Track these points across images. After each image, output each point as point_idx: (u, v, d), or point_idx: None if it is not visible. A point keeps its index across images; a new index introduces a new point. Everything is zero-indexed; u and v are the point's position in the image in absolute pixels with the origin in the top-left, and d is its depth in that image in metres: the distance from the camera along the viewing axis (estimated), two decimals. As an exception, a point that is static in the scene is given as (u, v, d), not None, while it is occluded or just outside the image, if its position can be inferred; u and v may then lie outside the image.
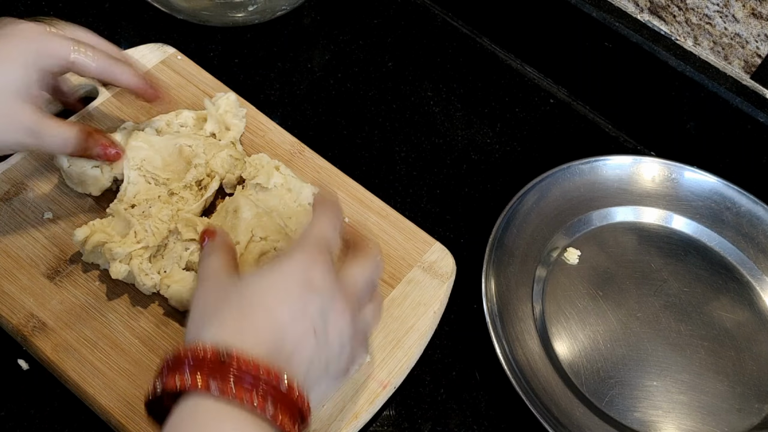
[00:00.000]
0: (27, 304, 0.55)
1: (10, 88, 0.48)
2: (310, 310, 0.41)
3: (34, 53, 0.50)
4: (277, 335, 0.40)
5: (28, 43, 0.50)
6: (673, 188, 0.72)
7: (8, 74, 0.49)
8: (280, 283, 0.42)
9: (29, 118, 0.49)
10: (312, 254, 0.43)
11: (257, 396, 0.38)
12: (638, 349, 0.62)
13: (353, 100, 0.77)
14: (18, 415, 0.54)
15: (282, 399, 0.39)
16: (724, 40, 0.72)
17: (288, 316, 0.41)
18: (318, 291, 0.42)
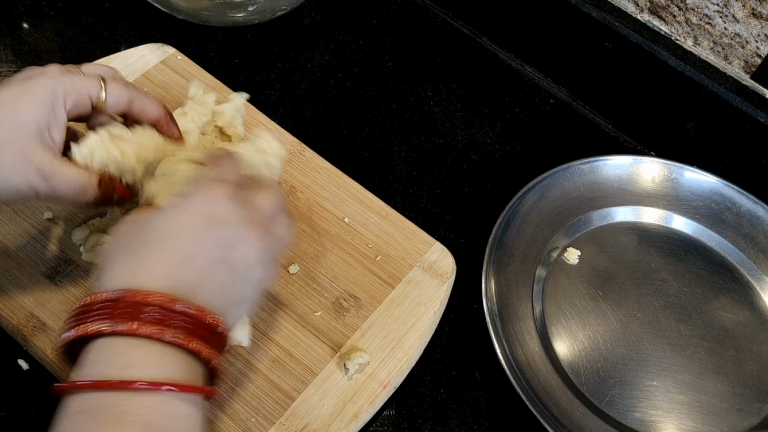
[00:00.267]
0: (27, 304, 0.56)
1: (26, 128, 0.46)
2: (212, 240, 0.42)
3: (61, 93, 0.47)
4: (176, 268, 0.41)
5: (53, 82, 0.47)
6: (673, 188, 0.72)
7: (27, 113, 0.46)
8: (180, 218, 0.42)
9: (41, 158, 0.46)
10: (210, 187, 0.43)
11: (153, 325, 0.38)
12: (638, 349, 0.62)
13: (353, 100, 0.77)
14: (18, 415, 0.54)
15: (186, 324, 0.39)
16: (724, 40, 0.72)
17: (187, 248, 0.41)
18: (220, 221, 0.42)
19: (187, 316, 0.39)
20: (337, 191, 0.65)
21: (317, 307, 0.59)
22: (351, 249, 0.62)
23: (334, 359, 0.56)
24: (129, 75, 0.69)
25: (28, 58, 0.74)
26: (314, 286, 0.60)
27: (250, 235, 0.43)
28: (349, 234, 0.63)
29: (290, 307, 0.59)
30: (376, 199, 0.65)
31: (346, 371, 0.56)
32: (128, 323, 0.38)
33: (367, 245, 0.62)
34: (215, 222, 0.42)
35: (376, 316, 0.59)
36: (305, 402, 0.54)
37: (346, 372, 0.56)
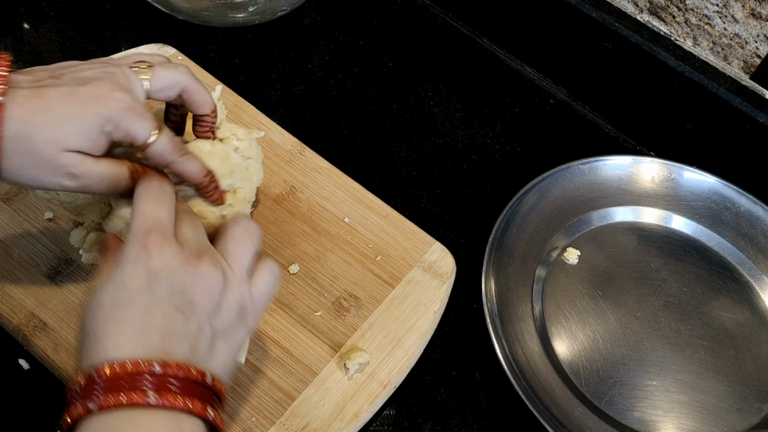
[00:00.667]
0: (28, 304, 0.56)
1: (69, 145, 0.45)
2: (162, 294, 0.41)
3: (112, 125, 0.46)
4: (140, 336, 0.40)
5: (112, 115, 0.46)
6: (672, 188, 0.72)
7: (76, 135, 0.45)
8: (124, 285, 0.41)
9: (72, 163, 0.46)
10: (140, 245, 0.42)
11: (137, 393, 0.38)
12: (638, 348, 0.63)
13: (353, 101, 0.77)
14: (19, 414, 0.54)
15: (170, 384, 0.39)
16: (723, 41, 0.72)
17: (141, 313, 0.40)
18: (160, 272, 0.41)
19: (168, 375, 0.39)
20: (337, 191, 0.65)
21: (317, 306, 0.59)
22: (351, 249, 0.62)
23: (335, 359, 0.56)
24: (129, 75, 0.69)
25: (28, 58, 0.74)
26: (314, 285, 0.60)
27: (197, 270, 0.42)
28: (350, 234, 0.63)
29: (290, 306, 0.59)
30: (376, 199, 0.65)
31: (346, 371, 0.56)
32: (111, 397, 0.38)
33: (368, 245, 0.62)
34: (157, 276, 0.41)
35: (377, 315, 0.59)
36: (305, 401, 0.54)
37: (347, 372, 0.56)
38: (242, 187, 0.56)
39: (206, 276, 0.42)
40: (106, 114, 0.46)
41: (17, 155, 0.45)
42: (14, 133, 0.44)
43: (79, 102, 0.45)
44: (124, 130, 0.47)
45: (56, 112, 0.45)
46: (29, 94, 0.45)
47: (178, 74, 0.50)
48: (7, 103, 0.44)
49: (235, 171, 0.56)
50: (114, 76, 0.48)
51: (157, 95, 0.50)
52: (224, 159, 0.55)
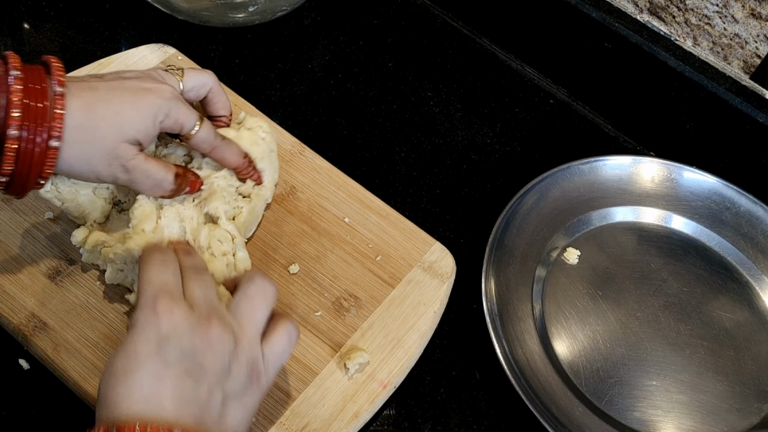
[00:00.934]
0: (28, 304, 0.56)
1: (124, 133, 0.49)
2: (170, 359, 0.41)
3: (164, 114, 0.51)
4: (151, 400, 0.40)
5: (163, 103, 0.50)
6: (672, 188, 0.72)
7: (134, 123, 0.49)
8: (135, 351, 0.41)
9: (127, 155, 0.50)
10: (149, 309, 0.42)
11: None
12: (638, 348, 0.63)
13: (353, 101, 0.77)
14: (19, 414, 0.54)
15: None
16: (723, 41, 0.72)
17: (151, 378, 0.40)
18: (170, 336, 0.41)
19: None
20: (337, 191, 0.65)
21: (317, 306, 0.59)
22: (351, 249, 0.62)
23: (335, 359, 0.56)
24: (129, 75, 0.69)
25: (28, 59, 0.74)
26: (314, 285, 0.60)
27: (207, 333, 0.42)
28: (350, 234, 0.63)
29: (290, 306, 0.59)
30: (376, 199, 0.65)
31: (346, 371, 0.56)
32: None
33: (368, 245, 0.62)
34: (167, 339, 0.41)
35: (377, 315, 0.59)
36: (306, 401, 0.54)
37: (347, 371, 0.56)
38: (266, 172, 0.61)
39: (216, 339, 0.42)
40: (158, 102, 0.50)
41: (79, 145, 0.48)
42: (77, 123, 0.47)
43: (131, 93, 0.50)
44: (174, 118, 0.51)
45: (114, 102, 0.49)
46: (84, 86, 0.48)
47: (206, 76, 0.57)
48: (68, 94, 0.47)
49: (265, 157, 0.59)
50: (152, 74, 0.53)
51: (188, 94, 0.56)
52: (253, 143, 0.60)
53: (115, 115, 0.49)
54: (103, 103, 0.48)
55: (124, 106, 0.49)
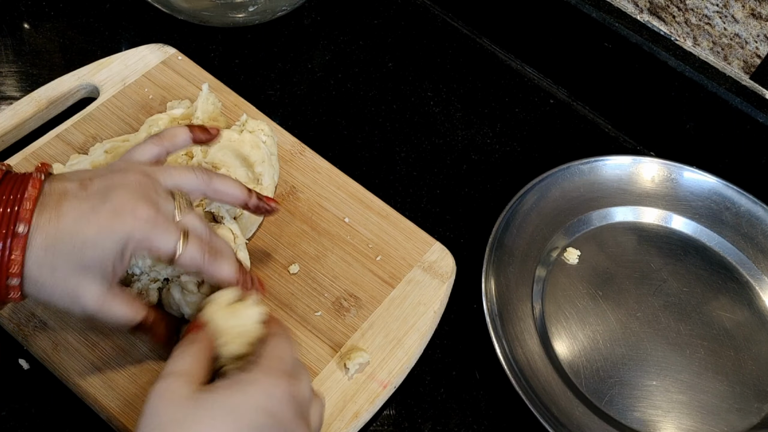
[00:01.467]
0: (27, 304, 0.56)
1: (88, 270, 0.45)
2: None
3: (135, 241, 0.45)
4: None
5: (136, 227, 0.45)
6: (672, 188, 0.72)
7: (95, 258, 0.44)
8: (241, 409, 0.40)
9: (93, 302, 0.46)
10: (271, 381, 0.42)
11: None
12: (638, 348, 0.63)
13: (353, 101, 0.77)
14: (19, 414, 0.54)
15: None
16: (723, 41, 0.72)
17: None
18: (276, 419, 0.41)
19: None
20: (337, 191, 0.65)
21: (317, 306, 0.59)
22: (351, 249, 0.62)
23: (335, 359, 0.56)
24: (130, 76, 0.69)
25: (28, 59, 0.74)
26: (314, 285, 0.60)
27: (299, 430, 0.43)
28: (350, 234, 0.63)
29: (290, 306, 0.59)
30: (376, 199, 0.65)
31: (346, 371, 0.56)
32: None
33: (368, 245, 0.62)
34: (273, 418, 0.41)
35: (377, 315, 0.59)
36: (305, 402, 0.54)
37: (347, 372, 0.56)
38: (266, 175, 0.61)
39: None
40: (129, 226, 0.45)
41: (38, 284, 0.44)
42: (35, 262, 0.44)
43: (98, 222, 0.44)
44: (148, 248, 0.46)
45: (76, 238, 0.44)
46: (51, 216, 0.44)
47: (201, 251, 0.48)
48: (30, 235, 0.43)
49: (265, 160, 0.59)
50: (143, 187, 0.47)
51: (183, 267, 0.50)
52: (254, 146, 0.60)
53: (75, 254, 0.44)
54: (64, 241, 0.44)
55: (87, 243, 0.44)
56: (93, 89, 0.69)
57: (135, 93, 0.68)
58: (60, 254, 0.44)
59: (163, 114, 0.64)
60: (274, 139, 0.64)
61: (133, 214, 0.45)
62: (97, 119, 0.66)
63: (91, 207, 0.45)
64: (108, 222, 0.44)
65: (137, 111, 0.67)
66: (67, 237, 0.44)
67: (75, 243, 0.44)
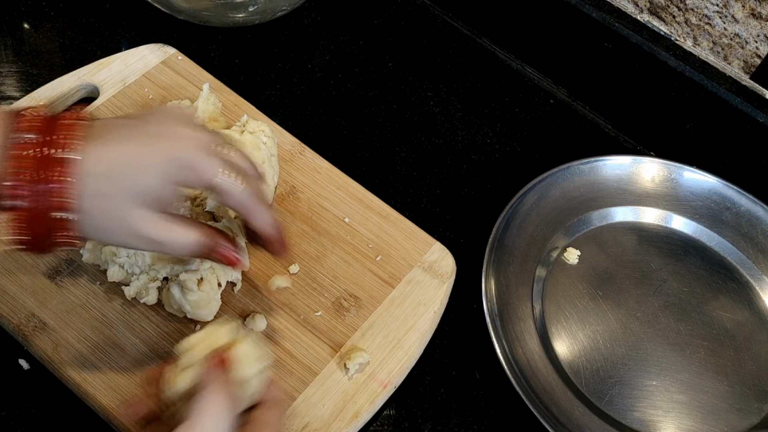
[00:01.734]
0: (28, 304, 0.56)
1: (139, 196, 0.44)
2: None
3: (177, 166, 0.44)
4: None
5: (176, 152, 0.44)
6: (672, 188, 0.72)
7: (143, 182, 0.44)
8: None
9: (151, 228, 0.45)
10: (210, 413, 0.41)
11: None
12: (638, 348, 0.63)
13: (353, 101, 0.77)
14: (19, 414, 0.54)
15: None
16: (723, 41, 0.72)
17: None
18: None
19: None
20: (337, 191, 0.65)
21: (317, 306, 0.59)
22: (351, 249, 0.62)
23: (335, 359, 0.56)
24: (130, 75, 0.69)
25: (28, 58, 0.74)
26: (314, 286, 0.60)
27: None
28: (350, 234, 0.63)
29: (290, 306, 0.59)
30: (376, 199, 0.65)
31: (346, 371, 0.56)
32: None
33: (368, 245, 0.62)
34: None
35: (377, 315, 0.59)
36: (306, 401, 0.54)
37: (347, 372, 0.56)
38: (266, 176, 0.60)
39: None
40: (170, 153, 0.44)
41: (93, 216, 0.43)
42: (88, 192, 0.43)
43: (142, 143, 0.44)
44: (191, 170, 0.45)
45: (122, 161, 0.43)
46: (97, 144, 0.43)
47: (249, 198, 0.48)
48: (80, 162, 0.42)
49: (265, 161, 0.59)
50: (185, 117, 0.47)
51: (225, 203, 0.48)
52: (255, 148, 0.60)
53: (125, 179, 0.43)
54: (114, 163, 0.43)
55: (133, 160, 0.44)
56: (93, 89, 0.69)
57: (135, 93, 0.68)
58: (109, 180, 0.43)
59: None
60: (275, 140, 0.64)
61: (176, 135, 0.45)
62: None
63: (134, 130, 0.44)
64: (151, 143, 0.44)
65: (137, 111, 0.67)
66: (113, 162, 0.43)
67: (121, 166, 0.43)
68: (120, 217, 0.44)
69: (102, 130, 0.44)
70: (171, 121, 0.46)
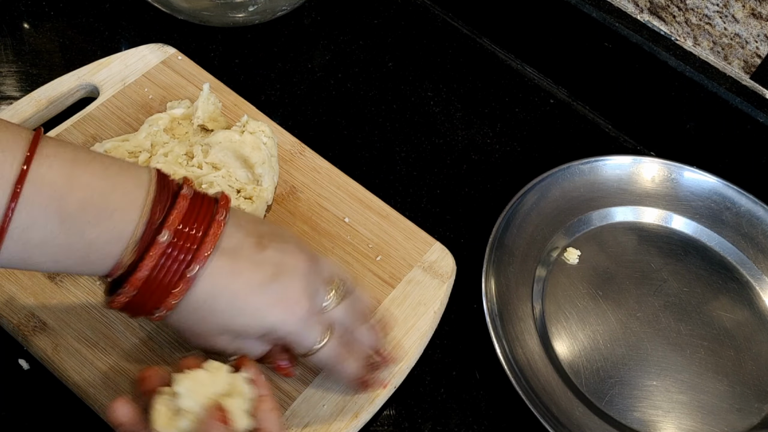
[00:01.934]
0: (28, 304, 0.56)
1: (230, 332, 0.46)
2: None
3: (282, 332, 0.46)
4: None
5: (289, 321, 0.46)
6: (672, 188, 0.72)
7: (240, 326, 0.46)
8: None
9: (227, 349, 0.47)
10: None
11: None
12: (638, 348, 0.63)
13: (353, 100, 0.77)
14: (19, 414, 0.54)
15: None
16: (723, 41, 0.72)
17: None
18: None
19: None
20: (337, 191, 0.65)
21: (317, 307, 0.59)
22: (351, 249, 0.62)
23: (335, 359, 0.56)
24: (129, 75, 0.69)
25: (28, 58, 0.74)
26: (314, 286, 0.60)
27: None
28: (350, 234, 0.63)
29: (290, 306, 0.59)
30: (376, 199, 0.65)
31: None
32: None
33: (368, 245, 0.62)
34: None
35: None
36: (306, 401, 0.54)
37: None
38: (266, 176, 0.61)
39: None
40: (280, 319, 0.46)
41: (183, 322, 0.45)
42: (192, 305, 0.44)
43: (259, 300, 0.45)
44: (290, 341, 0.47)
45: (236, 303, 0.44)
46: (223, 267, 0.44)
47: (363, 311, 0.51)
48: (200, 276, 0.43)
49: (265, 161, 0.59)
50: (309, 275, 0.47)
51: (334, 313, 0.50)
52: (255, 148, 0.60)
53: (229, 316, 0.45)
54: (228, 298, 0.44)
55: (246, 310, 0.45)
56: (93, 89, 0.69)
57: (135, 93, 0.68)
58: (215, 310, 0.44)
59: (163, 114, 0.64)
60: (275, 140, 0.64)
61: (293, 308, 0.46)
62: (97, 119, 0.66)
63: (259, 282, 0.45)
64: (268, 305, 0.45)
65: (137, 111, 0.67)
66: (229, 297, 0.44)
67: (233, 307, 0.44)
68: (204, 337, 0.46)
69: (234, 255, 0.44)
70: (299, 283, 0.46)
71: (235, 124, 0.64)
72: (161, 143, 0.61)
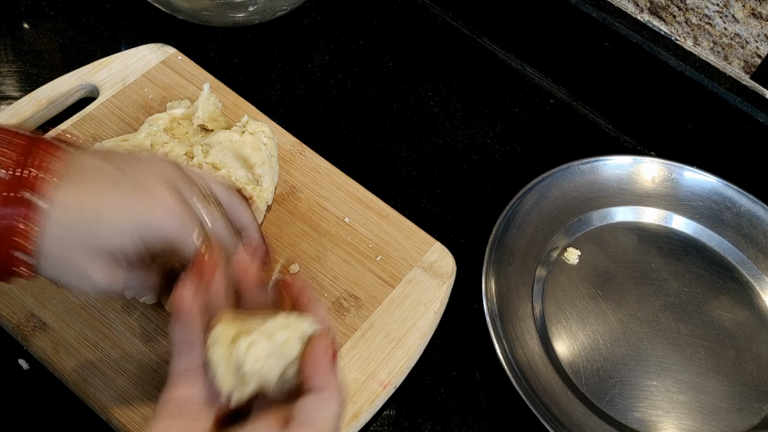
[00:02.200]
0: (27, 304, 0.56)
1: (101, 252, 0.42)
2: None
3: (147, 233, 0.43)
4: None
5: (147, 220, 0.43)
6: (672, 188, 0.72)
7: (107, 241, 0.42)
8: None
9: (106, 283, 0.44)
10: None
11: None
12: (638, 348, 0.63)
13: (353, 100, 0.77)
14: (19, 414, 0.54)
15: None
16: (723, 41, 0.72)
17: None
18: None
19: None
20: (337, 191, 0.65)
21: (317, 306, 0.59)
22: (351, 249, 0.62)
23: (335, 359, 0.56)
24: (129, 75, 0.69)
25: (28, 58, 0.74)
26: (314, 286, 0.60)
27: None
28: (350, 234, 0.63)
29: (290, 306, 0.59)
30: (377, 199, 0.65)
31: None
32: None
33: (368, 245, 0.62)
34: None
35: (377, 315, 0.59)
36: (305, 402, 0.54)
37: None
38: (266, 177, 0.61)
39: None
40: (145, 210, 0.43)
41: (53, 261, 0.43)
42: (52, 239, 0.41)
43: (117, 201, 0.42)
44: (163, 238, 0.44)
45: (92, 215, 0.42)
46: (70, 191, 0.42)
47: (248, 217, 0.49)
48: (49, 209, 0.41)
49: (265, 162, 0.59)
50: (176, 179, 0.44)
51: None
52: (255, 148, 0.60)
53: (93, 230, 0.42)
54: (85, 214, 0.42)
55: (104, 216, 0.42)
56: (93, 89, 0.69)
57: (135, 93, 0.68)
58: (73, 232, 0.42)
59: (163, 114, 0.64)
60: (275, 140, 0.64)
61: (157, 200, 0.43)
62: (97, 119, 0.66)
63: (111, 180, 0.43)
64: (125, 201, 0.42)
65: (137, 111, 0.67)
66: (81, 213, 0.42)
67: (88, 220, 0.42)
68: (79, 268, 0.43)
69: (79, 169, 0.42)
70: (152, 178, 0.44)
71: (236, 124, 0.64)
72: (161, 143, 0.61)
